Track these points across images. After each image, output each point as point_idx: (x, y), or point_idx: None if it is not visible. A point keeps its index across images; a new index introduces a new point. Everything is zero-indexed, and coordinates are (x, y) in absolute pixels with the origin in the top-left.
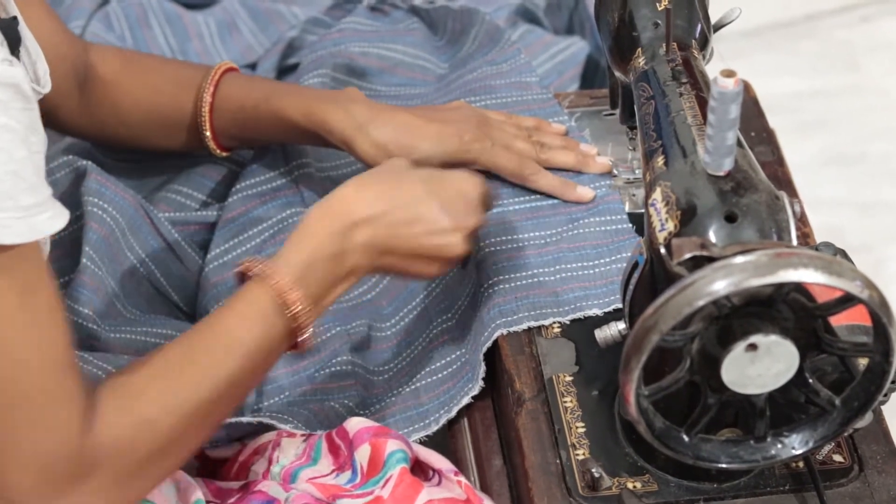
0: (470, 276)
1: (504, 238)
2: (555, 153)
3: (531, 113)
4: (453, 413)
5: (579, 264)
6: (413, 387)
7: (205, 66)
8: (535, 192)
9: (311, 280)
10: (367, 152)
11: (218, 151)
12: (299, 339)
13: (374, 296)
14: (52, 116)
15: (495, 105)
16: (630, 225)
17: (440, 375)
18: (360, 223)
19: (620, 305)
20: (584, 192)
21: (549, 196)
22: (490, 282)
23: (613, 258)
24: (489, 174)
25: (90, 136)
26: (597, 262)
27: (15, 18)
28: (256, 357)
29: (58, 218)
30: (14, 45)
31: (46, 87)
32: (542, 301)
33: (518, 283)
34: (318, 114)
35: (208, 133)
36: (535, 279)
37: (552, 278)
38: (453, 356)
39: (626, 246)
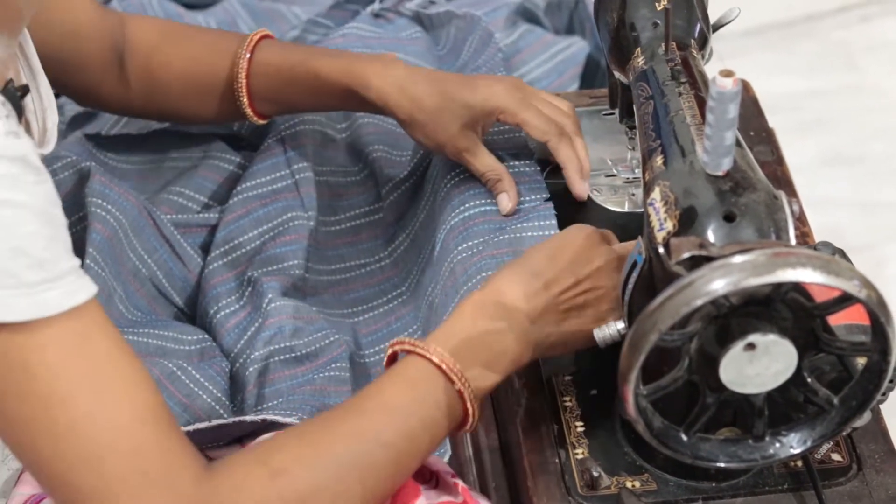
0: (441, 318)
1: (441, 256)
2: (575, 140)
3: None
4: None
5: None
6: None
7: (241, 34)
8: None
9: (468, 354)
10: (403, 107)
11: (255, 118)
12: (466, 416)
13: (356, 322)
14: (94, 94)
15: None
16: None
17: None
18: (513, 299)
19: None
20: (585, 189)
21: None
22: (430, 300)
23: None
24: (460, 180)
25: (131, 109)
26: None
27: (26, 87)
28: (412, 422)
29: (75, 293)
30: (20, 114)
31: (50, 145)
32: None
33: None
34: (356, 71)
35: (245, 99)
36: (458, 295)
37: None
38: None
39: None
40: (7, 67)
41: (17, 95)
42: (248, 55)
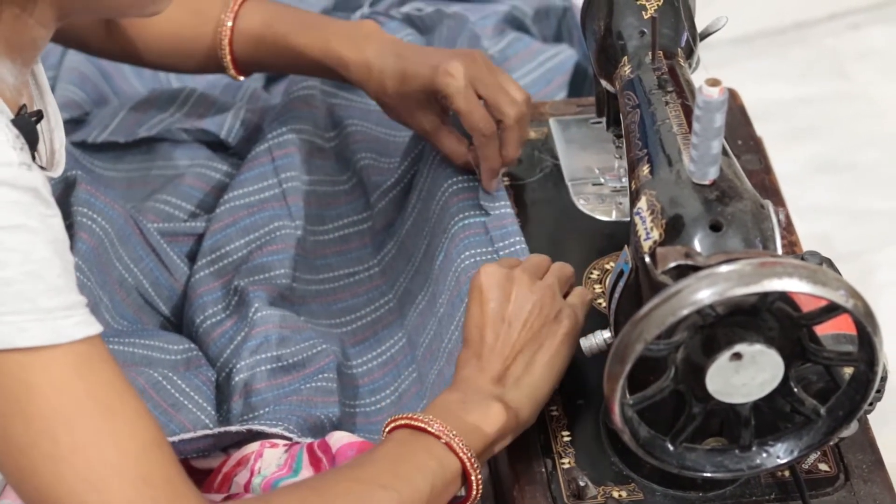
0: (428, 325)
1: (445, 265)
2: (508, 134)
3: None
4: None
5: None
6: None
7: None
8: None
9: (448, 420)
10: (371, 89)
11: (238, 77)
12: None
13: (343, 333)
14: (83, 45)
15: None
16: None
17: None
18: (473, 377)
19: None
20: (493, 185)
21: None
22: (448, 333)
23: None
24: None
25: (112, 56)
26: None
27: (39, 112)
28: (407, 468)
29: (87, 325)
30: (33, 145)
31: (59, 168)
32: None
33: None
34: (333, 51)
35: (228, 60)
36: (463, 304)
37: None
38: (419, 408)
39: None
40: (21, 94)
41: (31, 123)
42: (230, 23)
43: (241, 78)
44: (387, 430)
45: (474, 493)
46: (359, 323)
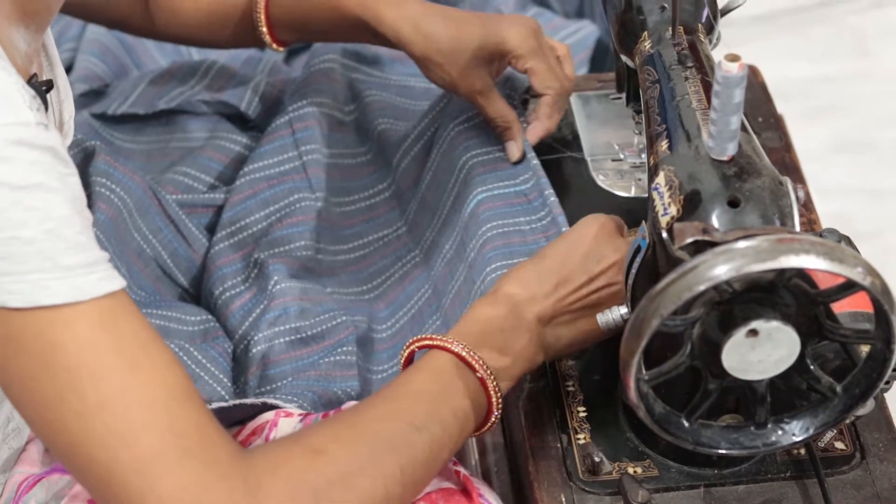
0: (456, 273)
1: (488, 228)
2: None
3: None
4: None
5: None
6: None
7: None
8: (514, 175)
9: (486, 347)
10: (417, 45)
11: (275, 46)
12: (489, 410)
13: (372, 297)
14: (123, 24)
15: None
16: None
17: None
18: (524, 302)
19: None
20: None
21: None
22: (482, 276)
23: None
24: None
25: (151, 34)
26: None
27: (49, 82)
28: (442, 409)
29: (109, 281)
30: (46, 107)
31: (68, 138)
32: None
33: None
34: (370, 5)
35: (264, 28)
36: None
37: None
38: None
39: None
40: (31, 61)
41: (42, 90)
42: None
43: (277, 47)
44: (419, 345)
45: (489, 423)
46: (388, 283)
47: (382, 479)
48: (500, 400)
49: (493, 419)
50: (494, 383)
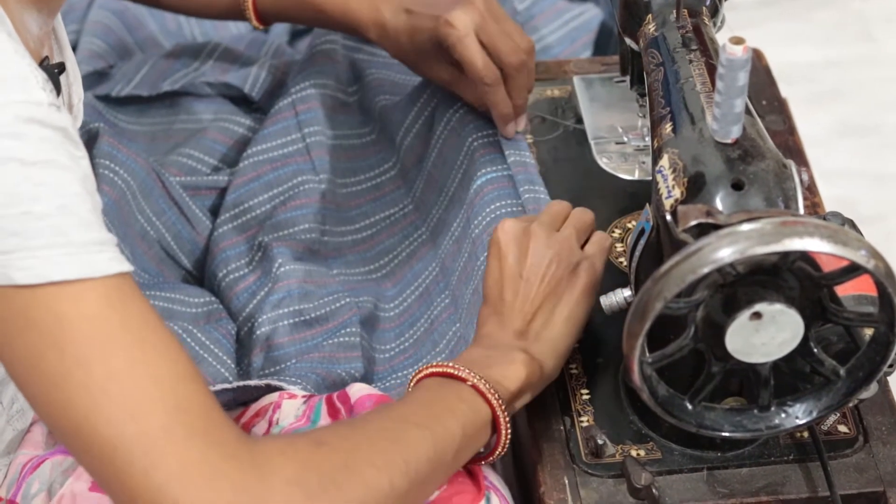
0: (462, 249)
1: (495, 208)
2: (515, 80)
3: None
4: None
5: None
6: (416, 366)
7: None
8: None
9: (475, 367)
10: (389, 48)
11: (259, 26)
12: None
13: (380, 277)
14: None
15: None
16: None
17: (443, 355)
18: (496, 332)
19: None
20: (511, 130)
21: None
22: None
23: None
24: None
25: (144, 2)
26: None
27: (62, 64)
28: (438, 409)
29: (119, 262)
30: (58, 91)
31: (77, 121)
32: None
33: None
34: (352, 14)
35: (251, 12)
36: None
37: None
38: (451, 332)
39: None
40: (43, 45)
41: (54, 73)
42: None
43: (261, 27)
44: (413, 382)
45: (503, 435)
46: (395, 262)
47: (387, 471)
48: (502, 405)
49: (504, 425)
50: (488, 387)
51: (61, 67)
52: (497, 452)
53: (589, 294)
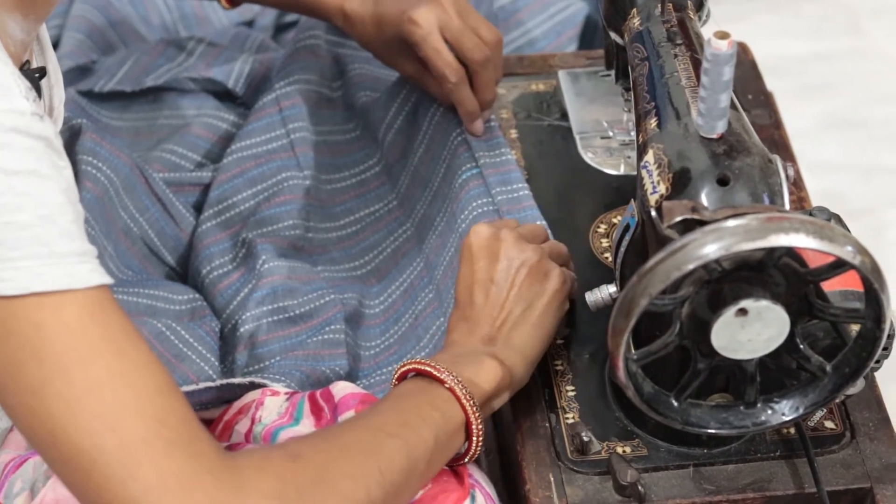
0: (448, 244)
1: (480, 204)
2: (480, 75)
3: None
4: None
5: None
6: (400, 362)
7: None
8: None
9: (448, 366)
10: (359, 42)
11: (227, 6)
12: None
13: (364, 273)
14: None
15: None
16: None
17: (427, 350)
18: (469, 346)
19: None
20: (479, 127)
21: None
22: None
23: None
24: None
25: None
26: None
27: (43, 69)
28: (411, 417)
29: (100, 274)
30: (39, 95)
31: (58, 124)
32: None
33: None
34: (324, 5)
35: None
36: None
37: None
38: (434, 327)
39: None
40: (25, 49)
41: (36, 78)
42: None
43: (229, 7)
44: (396, 375)
45: (475, 441)
46: (380, 258)
47: (363, 481)
48: (475, 409)
49: (476, 431)
50: (464, 391)
51: (42, 72)
52: (469, 456)
53: (559, 300)
